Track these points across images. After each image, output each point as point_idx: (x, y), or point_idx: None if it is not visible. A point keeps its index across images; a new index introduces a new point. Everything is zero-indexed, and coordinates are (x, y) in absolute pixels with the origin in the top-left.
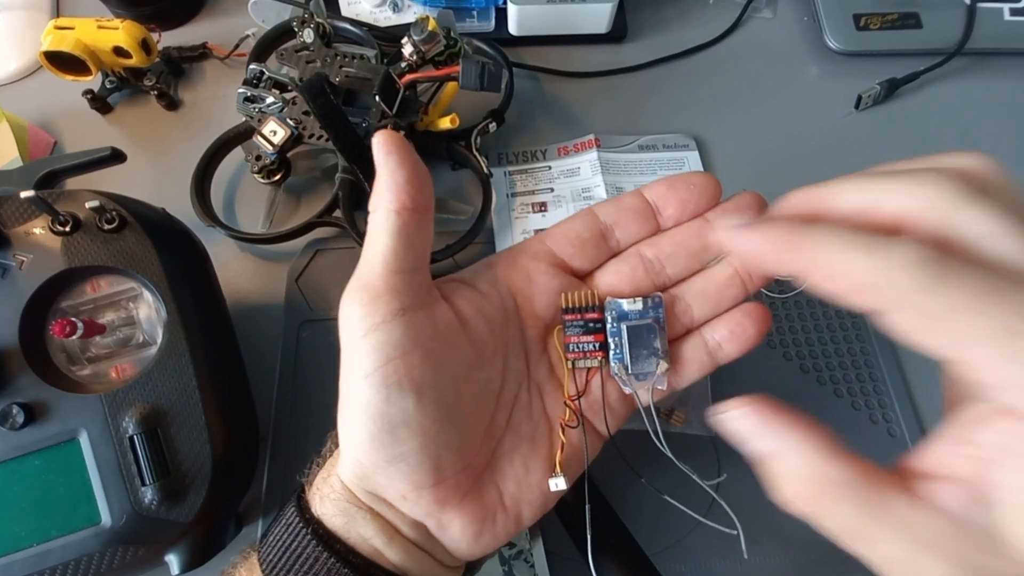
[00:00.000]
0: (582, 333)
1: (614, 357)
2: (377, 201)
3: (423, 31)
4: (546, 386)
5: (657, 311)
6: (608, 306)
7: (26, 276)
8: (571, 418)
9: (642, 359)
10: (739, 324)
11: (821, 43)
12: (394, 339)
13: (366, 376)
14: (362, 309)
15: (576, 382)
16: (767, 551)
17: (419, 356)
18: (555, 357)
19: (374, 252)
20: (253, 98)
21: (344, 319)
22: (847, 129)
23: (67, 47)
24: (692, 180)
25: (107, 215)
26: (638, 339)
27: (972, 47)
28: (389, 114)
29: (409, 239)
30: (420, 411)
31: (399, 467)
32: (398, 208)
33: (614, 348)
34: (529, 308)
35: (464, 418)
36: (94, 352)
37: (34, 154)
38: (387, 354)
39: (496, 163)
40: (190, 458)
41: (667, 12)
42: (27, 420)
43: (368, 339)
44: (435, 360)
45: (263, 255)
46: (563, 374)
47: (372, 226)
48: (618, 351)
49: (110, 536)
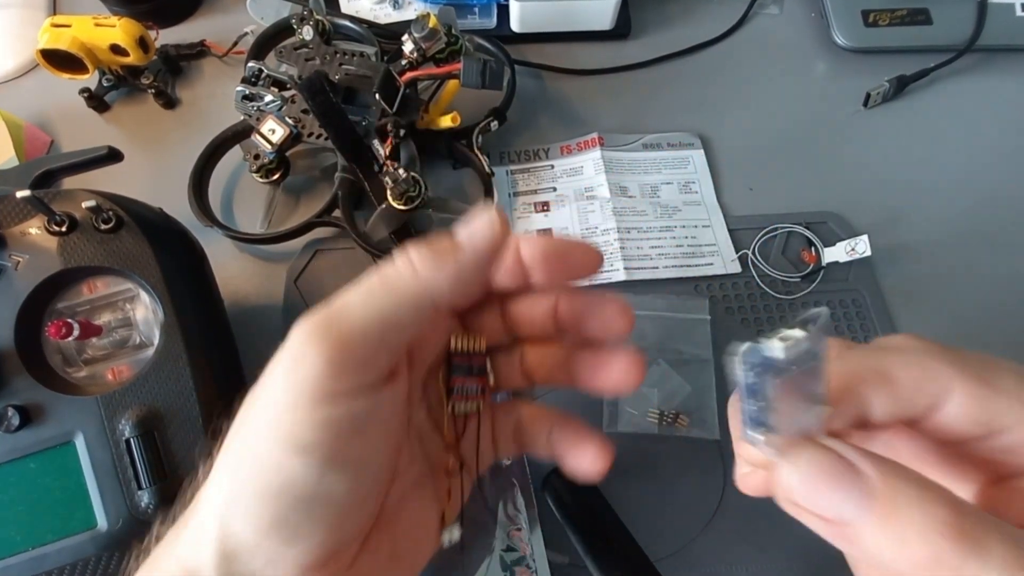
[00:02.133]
0: (466, 375)
1: (753, 423)
2: (432, 256)
3: (424, 28)
4: (424, 429)
5: (818, 345)
6: (746, 359)
7: (22, 277)
8: (455, 463)
9: (798, 415)
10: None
11: (829, 39)
12: (355, 415)
13: (302, 449)
14: (330, 368)
15: (456, 427)
16: (774, 558)
17: (372, 436)
18: (433, 401)
19: (378, 307)
20: (252, 96)
21: (295, 359)
22: (855, 127)
23: (64, 45)
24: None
25: (104, 215)
26: (794, 391)
27: (983, 43)
28: (389, 112)
29: (424, 318)
30: (351, 491)
31: (294, 549)
32: (447, 285)
33: (755, 412)
34: (418, 351)
35: (375, 484)
36: (90, 354)
37: (30, 153)
38: (340, 431)
39: (498, 162)
40: (187, 461)
41: (672, 8)
42: (23, 423)
43: (321, 407)
44: (381, 433)
45: (261, 255)
46: (442, 419)
47: (399, 271)
48: (761, 414)
49: (106, 540)
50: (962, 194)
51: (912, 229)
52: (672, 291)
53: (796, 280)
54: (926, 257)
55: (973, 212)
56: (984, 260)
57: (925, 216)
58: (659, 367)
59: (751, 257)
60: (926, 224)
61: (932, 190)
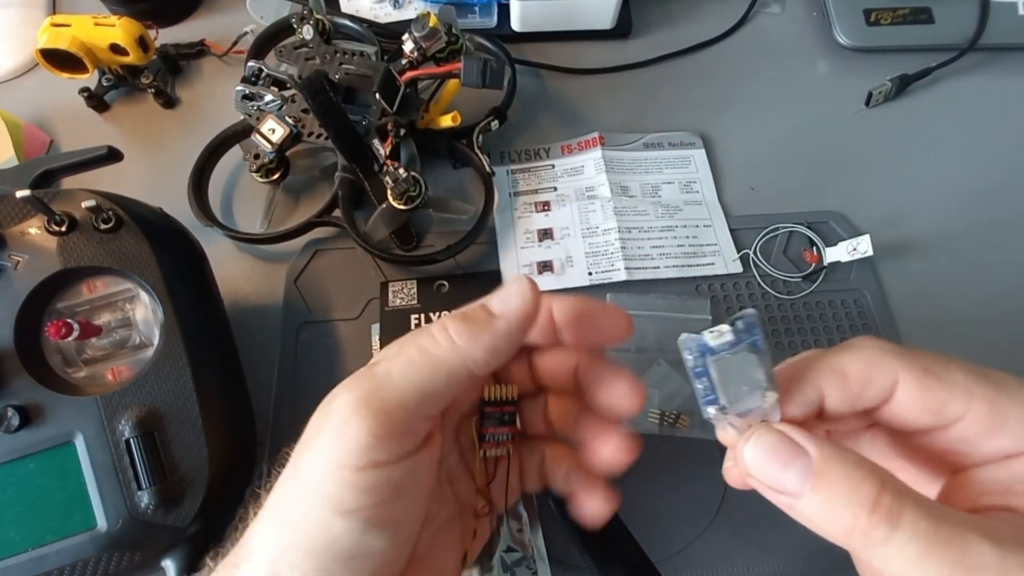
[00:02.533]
0: (498, 424)
1: (704, 400)
2: (469, 328)
3: (424, 27)
4: (455, 472)
5: (753, 333)
6: (684, 345)
7: (21, 277)
8: (484, 506)
9: (744, 396)
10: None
11: (831, 38)
12: (394, 480)
13: (346, 513)
14: (372, 440)
15: (487, 471)
16: (775, 559)
17: (410, 496)
18: (465, 445)
19: (418, 380)
20: (251, 96)
21: (340, 428)
22: (857, 126)
23: (63, 44)
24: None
25: (103, 215)
26: (732, 375)
27: (986, 42)
28: (390, 112)
29: (461, 386)
30: (389, 548)
31: None
32: (483, 356)
33: (703, 391)
34: (453, 404)
35: (410, 537)
36: (90, 354)
37: (30, 153)
38: (381, 496)
39: (498, 161)
40: (187, 461)
41: (673, 7)
42: (22, 423)
43: (364, 474)
44: (417, 492)
45: (261, 255)
46: (472, 462)
47: (439, 342)
48: (709, 393)
49: (106, 541)
50: (965, 193)
51: (914, 229)
52: (673, 291)
53: (797, 280)
54: (928, 257)
55: (976, 211)
56: (987, 259)
57: (927, 215)
58: (660, 367)
59: (752, 257)
60: (928, 223)
61: (934, 189)
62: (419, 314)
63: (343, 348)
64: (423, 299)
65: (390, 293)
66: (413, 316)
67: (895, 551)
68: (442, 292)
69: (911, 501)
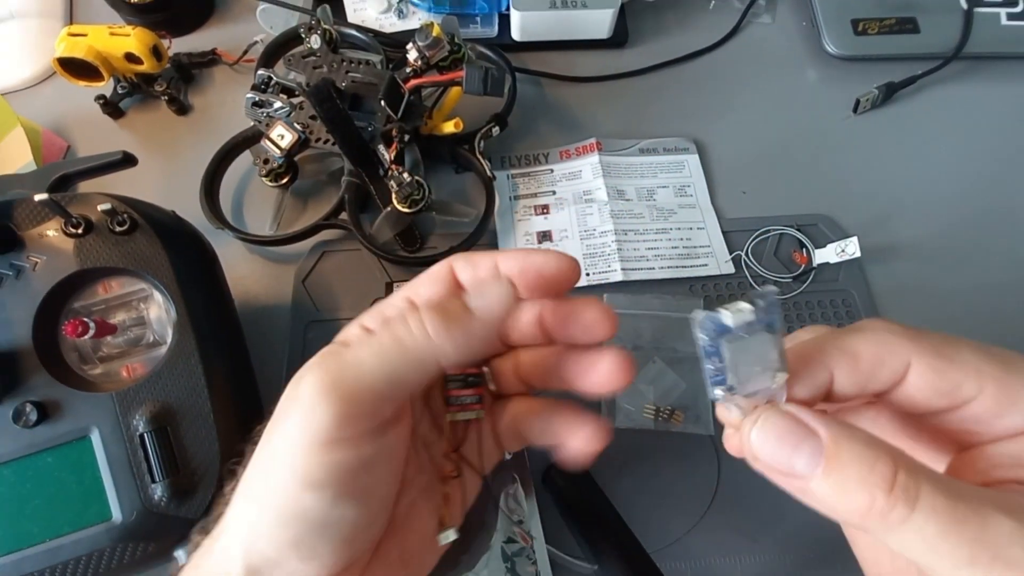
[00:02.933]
0: (462, 387)
1: (713, 380)
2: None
3: (427, 37)
4: (429, 438)
5: (772, 314)
6: (700, 324)
7: (39, 277)
8: (452, 470)
9: (754, 377)
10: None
11: (820, 48)
12: (363, 455)
13: (314, 486)
14: (338, 420)
15: (456, 436)
16: (766, 549)
17: (380, 467)
18: (436, 410)
19: (390, 370)
20: (261, 103)
21: (307, 408)
22: (845, 133)
23: (80, 53)
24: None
25: (118, 217)
26: (745, 355)
27: (969, 51)
28: (394, 118)
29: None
30: (360, 516)
31: (311, 564)
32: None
33: (713, 372)
34: None
35: (382, 506)
36: (105, 352)
37: (48, 158)
38: (349, 470)
39: (499, 166)
40: (199, 455)
41: (667, 17)
42: (40, 418)
43: (331, 451)
44: (386, 464)
45: (270, 257)
46: (444, 426)
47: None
48: (719, 374)
49: (121, 532)
50: (949, 197)
51: (901, 231)
52: (668, 291)
53: (788, 281)
54: (914, 258)
55: (960, 214)
56: (971, 261)
57: (913, 218)
58: (655, 365)
59: (744, 258)
60: (914, 226)
61: (920, 193)
62: None
63: None
64: None
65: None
66: None
67: (914, 530)
68: None
69: (926, 478)
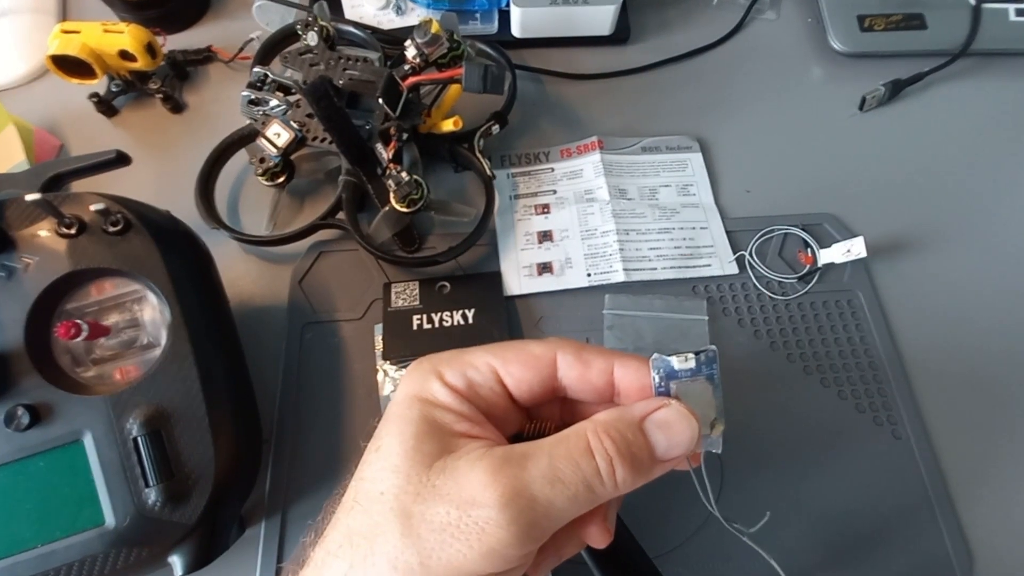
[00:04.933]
0: None
1: None
2: (636, 475)
3: (426, 34)
4: None
5: (711, 367)
6: (654, 364)
7: (32, 278)
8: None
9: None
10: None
11: (825, 44)
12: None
13: None
14: (515, 541)
15: None
16: (768, 556)
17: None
18: None
19: (575, 512)
20: (257, 101)
21: (490, 525)
22: (851, 130)
23: (73, 51)
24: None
25: (112, 217)
26: (691, 400)
27: (977, 48)
28: (392, 116)
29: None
30: None
31: None
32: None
33: None
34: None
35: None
36: (99, 354)
37: (40, 157)
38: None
39: (499, 165)
40: (194, 460)
41: (670, 14)
42: (32, 422)
43: (497, 564)
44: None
45: (266, 257)
46: None
47: (605, 485)
48: None
49: (114, 537)
50: (957, 196)
51: (908, 231)
52: (670, 292)
53: (792, 281)
54: (921, 258)
55: (967, 213)
56: (979, 261)
57: (920, 218)
58: None
59: (748, 258)
60: (922, 226)
61: (927, 192)
62: (421, 315)
63: (347, 348)
64: (425, 300)
65: (393, 294)
66: (415, 317)
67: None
68: (444, 293)
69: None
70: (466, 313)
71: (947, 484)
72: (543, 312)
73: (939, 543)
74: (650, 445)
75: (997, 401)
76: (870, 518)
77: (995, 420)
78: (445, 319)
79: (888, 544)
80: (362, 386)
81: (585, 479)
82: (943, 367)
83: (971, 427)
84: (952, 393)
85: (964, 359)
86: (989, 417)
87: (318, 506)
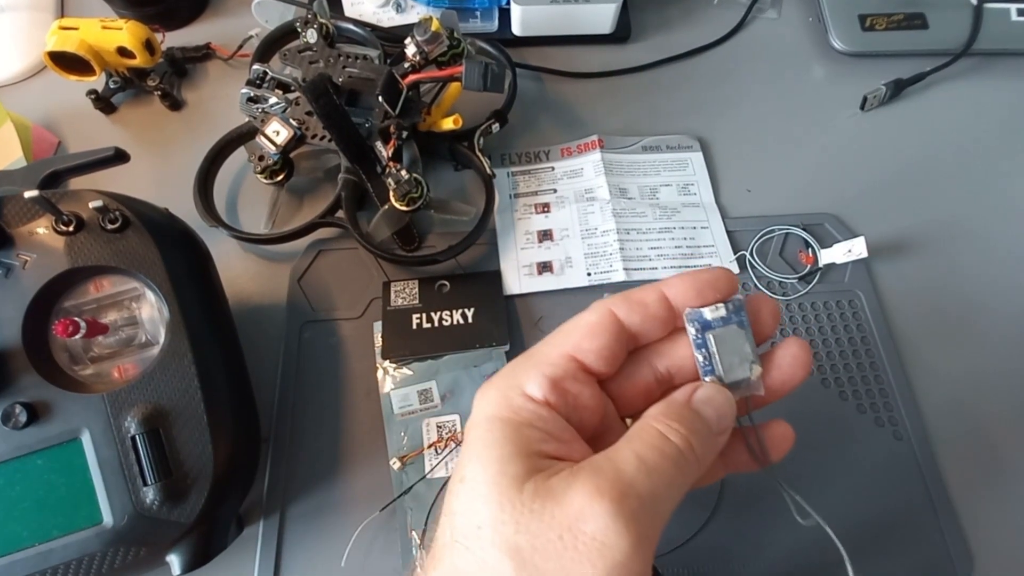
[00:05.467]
0: None
1: (704, 370)
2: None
3: (426, 32)
4: None
5: (740, 315)
6: (689, 318)
7: (29, 276)
8: None
9: (735, 367)
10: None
11: (826, 44)
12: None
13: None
14: (633, 551)
15: None
16: (770, 557)
17: None
18: None
19: (676, 500)
20: (256, 98)
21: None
22: (852, 130)
23: (71, 47)
24: (718, 284)
25: (110, 215)
26: (727, 346)
27: (979, 48)
28: (392, 115)
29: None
30: None
31: None
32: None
33: (703, 361)
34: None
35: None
36: (97, 352)
37: (38, 154)
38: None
39: (499, 164)
40: (192, 458)
41: (671, 12)
42: (30, 420)
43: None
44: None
45: (265, 255)
46: None
47: (689, 463)
48: (707, 363)
49: (112, 536)
50: (958, 196)
51: (909, 231)
52: None
53: (793, 281)
54: (923, 259)
55: (969, 214)
56: (979, 260)
57: (922, 218)
58: None
59: (749, 258)
60: (922, 225)
61: (928, 192)
62: (421, 313)
63: (346, 347)
64: (425, 299)
65: (392, 293)
66: (415, 315)
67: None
68: (443, 292)
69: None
70: (466, 312)
71: (947, 485)
72: (543, 311)
73: (939, 543)
74: (704, 419)
75: (997, 402)
76: (870, 518)
77: (995, 421)
78: (445, 318)
79: (888, 544)
80: (361, 385)
81: (673, 460)
82: (944, 368)
83: (972, 428)
84: (953, 394)
85: (965, 360)
86: (990, 418)
87: (316, 505)
